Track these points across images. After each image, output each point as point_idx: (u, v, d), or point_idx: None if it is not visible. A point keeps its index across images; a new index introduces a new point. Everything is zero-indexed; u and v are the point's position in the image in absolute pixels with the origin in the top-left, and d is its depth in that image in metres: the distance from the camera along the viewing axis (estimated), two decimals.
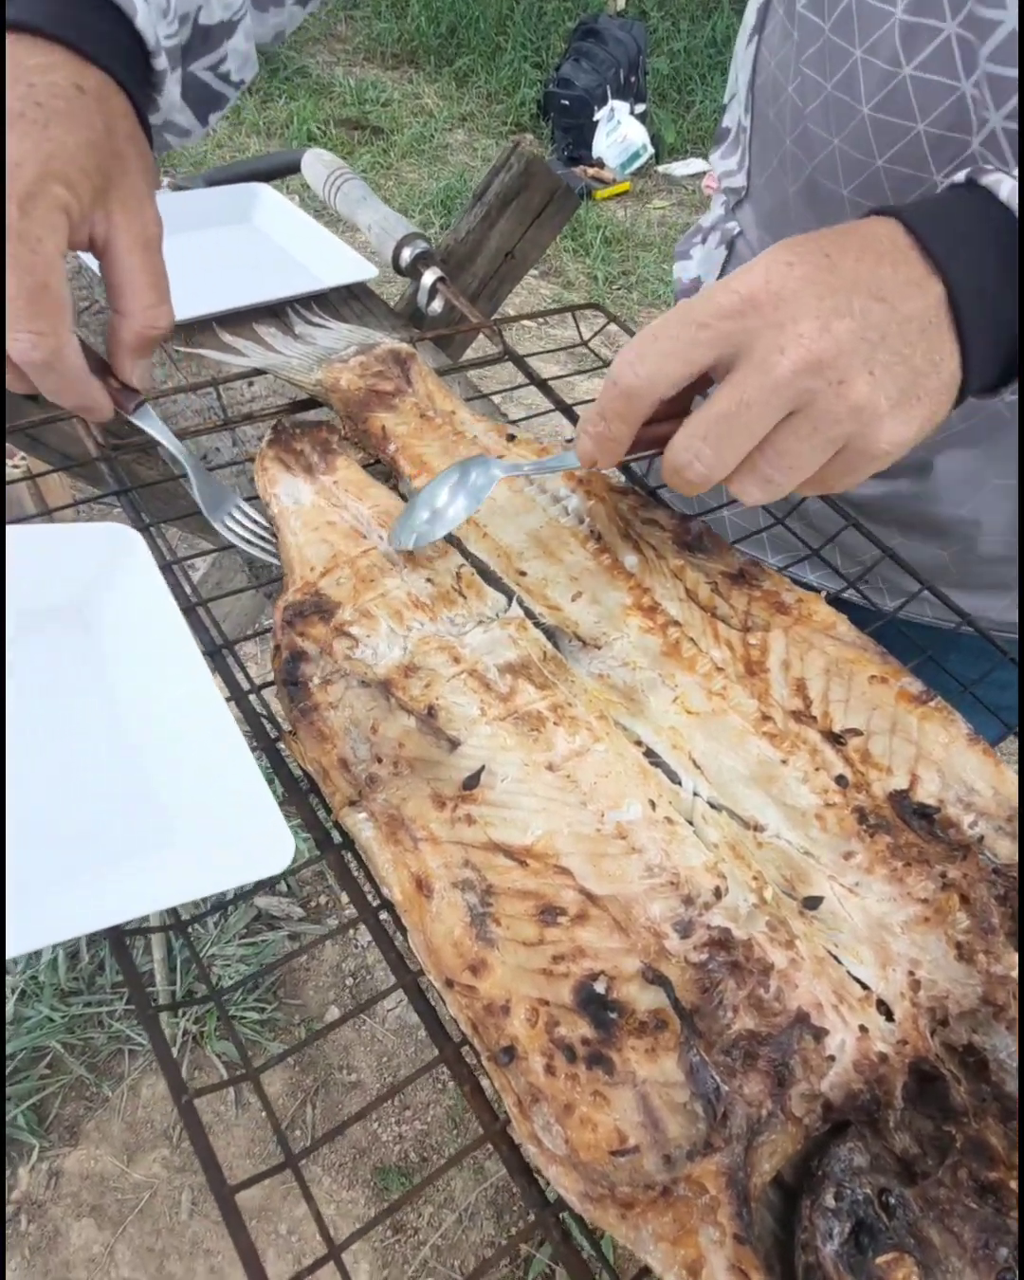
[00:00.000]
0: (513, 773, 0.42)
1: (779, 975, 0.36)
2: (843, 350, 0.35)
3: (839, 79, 0.52)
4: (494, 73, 4.10)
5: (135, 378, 0.49)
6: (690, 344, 0.37)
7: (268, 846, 0.37)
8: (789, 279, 0.36)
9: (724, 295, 0.37)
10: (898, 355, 0.36)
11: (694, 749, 0.44)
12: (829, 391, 0.36)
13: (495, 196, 0.87)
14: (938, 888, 0.40)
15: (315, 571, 0.49)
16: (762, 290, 0.36)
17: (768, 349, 0.36)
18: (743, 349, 0.36)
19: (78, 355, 0.44)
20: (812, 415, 0.36)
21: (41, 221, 0.40)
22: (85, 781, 0.40)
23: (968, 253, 0.37)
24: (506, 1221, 1.27)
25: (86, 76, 0.43)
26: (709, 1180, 0.31)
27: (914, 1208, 0.33)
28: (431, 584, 0.49)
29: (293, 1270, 1.21)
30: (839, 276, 0.36)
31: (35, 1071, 1.28)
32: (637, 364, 0.39)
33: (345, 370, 0.59)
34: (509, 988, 0.35)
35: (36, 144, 0.40)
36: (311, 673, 0.44)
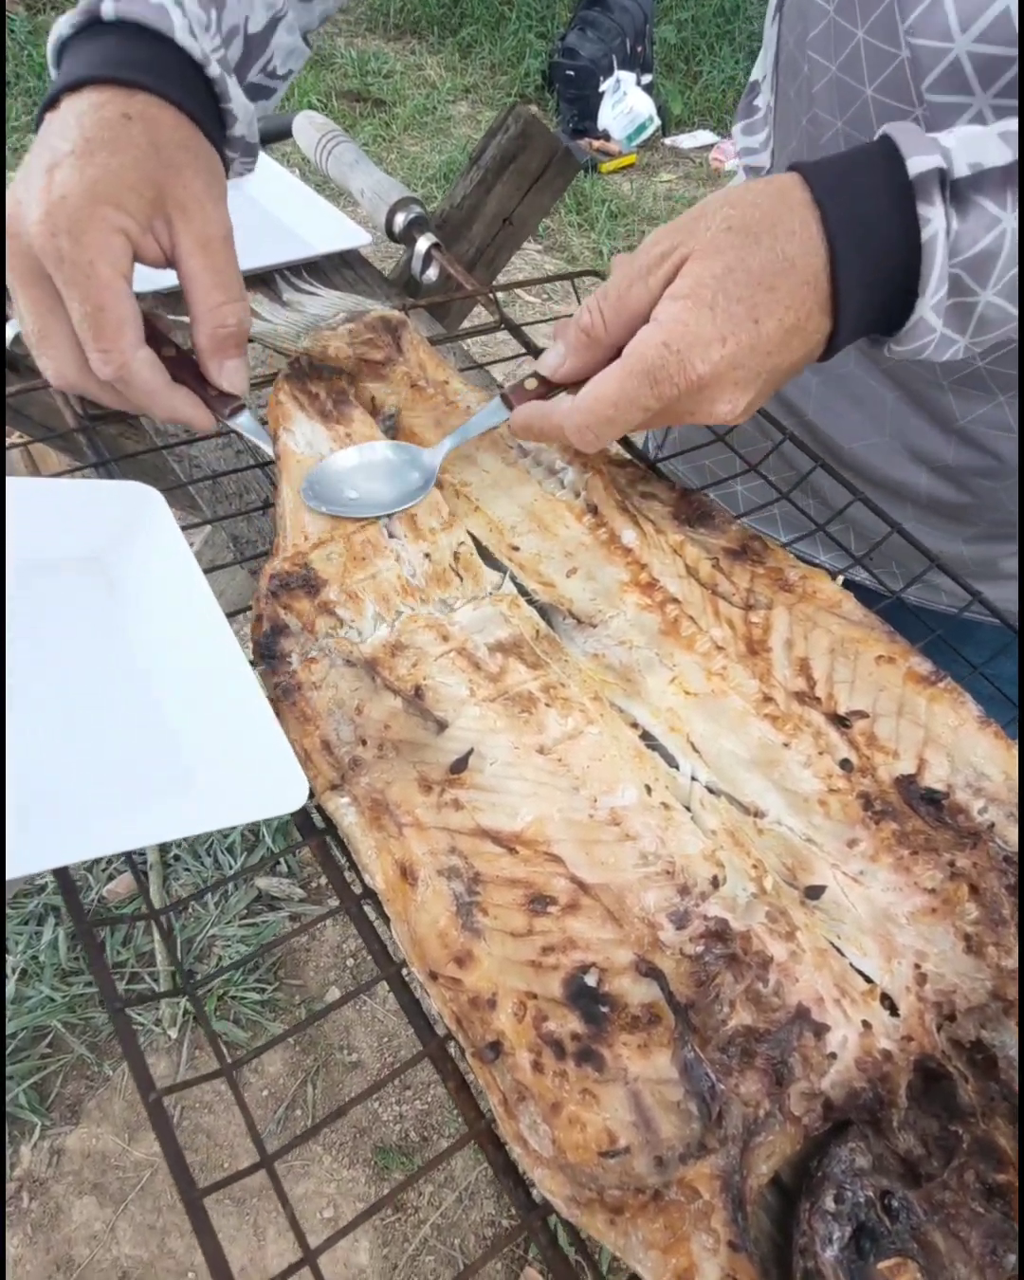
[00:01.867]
0: (502, 756, 0.40)
1: (779, 968, 0.35)
2: (721, 374, 0.40)
3: (843, 60, 0.51)
4: (498, 43, 4.02)
5: (224, 381, 0.48)
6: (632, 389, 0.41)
7: (282, 786, 0.37)
8: (703, 316, 0.40)
9: (653, 340, 0.40)
10: (765, 361, 0.41)
11: (693, 731, 0.42)
12: (694, 401, 0.42)
13: (492, 160, 0.84)
14: (946, 877, 0.38)
15: (308, 541, 0.47)
16: (678, 331, 0.40)
17: (669, 377, 0.40)
18: (656, 370, 0.40)
19: (149, 369, 0.44)
20: (664, 416, 0.43)
21: (91, 246, 0.41)
22: (104, 722, 0.41)
23: (862, 221, 0.40)
24: (506, 1201, 1.27)
25: (133, 104, 0.43)
26: (703, 1184, 0.30)
27: (918, 1211, 0.31)
28: (429, 559, 0.47)
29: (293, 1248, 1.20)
30: (744, 301, 0.40)
31: (36, 1051, 1.28)
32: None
33: (333, 338, 0.57)
34: (496, 980, 0.34)
35: (80, 173, 0.41)
36: (290, 648, 0.43)
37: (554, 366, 0.46)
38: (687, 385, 0.40)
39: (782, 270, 0.39)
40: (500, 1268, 1.22)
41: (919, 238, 0.39)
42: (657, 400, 0.41)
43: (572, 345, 0.45)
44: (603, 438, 0.43)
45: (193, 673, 0.42)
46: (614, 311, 0.42)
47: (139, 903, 1.41)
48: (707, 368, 0.40)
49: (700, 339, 0.39)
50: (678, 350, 0.39)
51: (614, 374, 0.41)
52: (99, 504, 0.46)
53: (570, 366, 0.46)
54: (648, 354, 0.40)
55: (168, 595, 0.44)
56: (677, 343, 0.39)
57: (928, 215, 0.38)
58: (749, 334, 0.40)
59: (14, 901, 1.39)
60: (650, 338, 0.40)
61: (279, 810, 0.37)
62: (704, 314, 0.39)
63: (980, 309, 0.41)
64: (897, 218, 0.39)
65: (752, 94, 0.66)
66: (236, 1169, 1.23)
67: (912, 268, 0.40)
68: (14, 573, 0.44)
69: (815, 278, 0.40)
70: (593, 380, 0.42)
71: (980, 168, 0.39)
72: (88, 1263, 1.16)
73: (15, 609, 0.43)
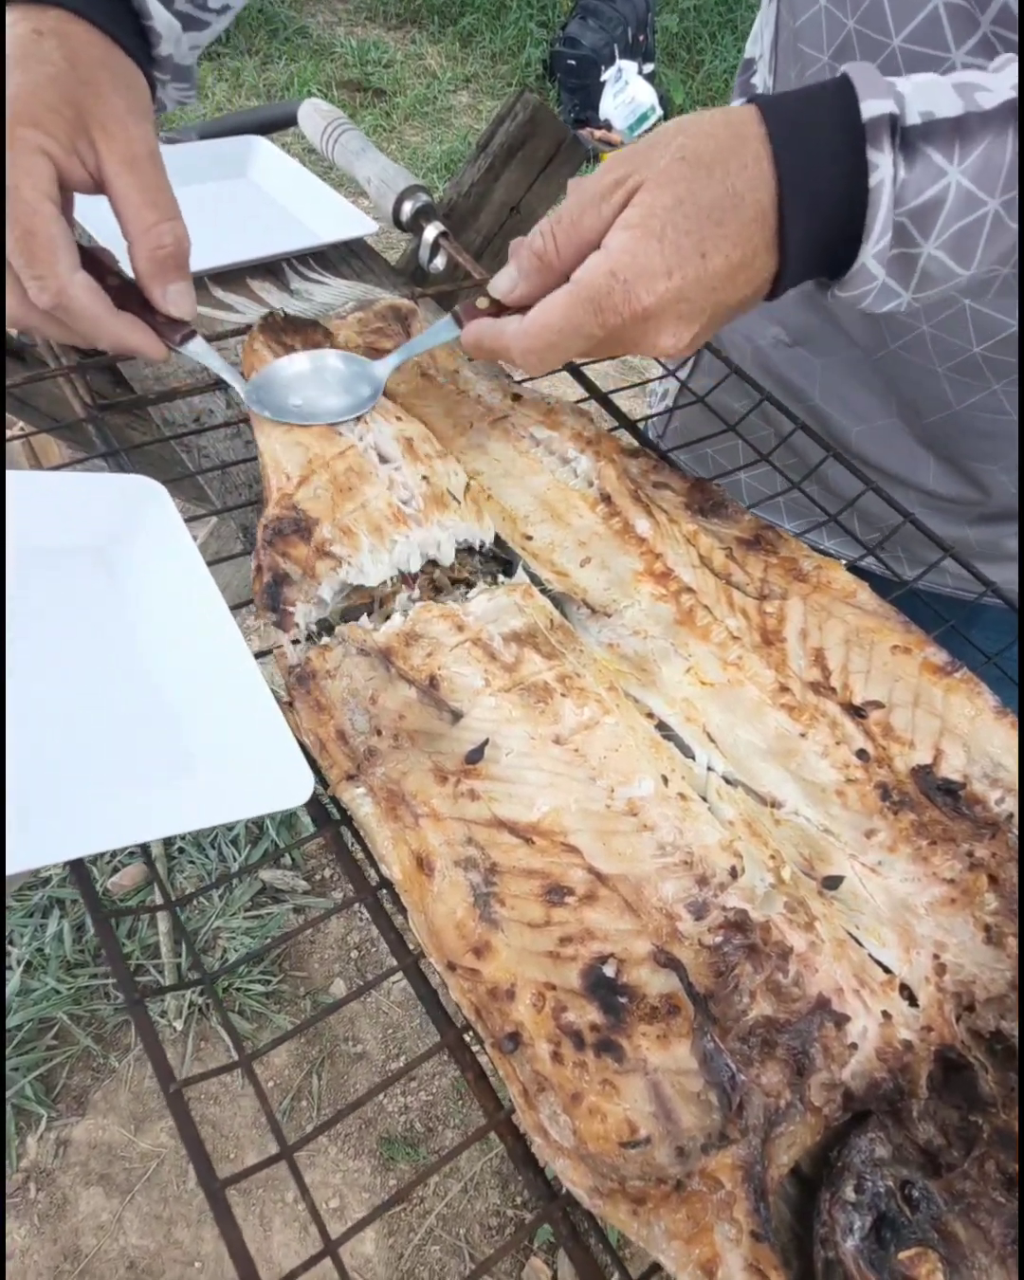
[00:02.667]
0: (518, 746, 0.40)
1: (798, 959, 0.34)
2: (666, 307, 0.40)
3: (835, 50, 0.51)
4: (499, 32, 3.99)
5: (171, 306, 0.46)
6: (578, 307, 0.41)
7: (287, 781, 0.37)
8: (651, 248, 0.39)
9: (602, 266, 0.40)
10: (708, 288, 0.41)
11: (709, 721, 0.42)
12: (639, 331, 0.42)
13: (500, 147, 0.84)
14: (965, 867, 0.38)
15: (292, 480, 0.46)
16: (625, 261, 0.40)
17: (614, 306, 0.40)
18: (602, 299, 0.40)
19: (88, 294, 0.42)
20: (609, 344, 0.43)
21: (14, 168, 0.39)
22: (107, 713, 0.40)
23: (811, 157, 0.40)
24: (511, 1191, 1.27)
25: (44, 19, 0.42)
26: (725, 1174, 0.30)
27: (938, 1201, 0.31)
28: (427, 482, 0.47)
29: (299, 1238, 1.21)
30: (693, 229, 0.39)
31: (42, 1042, 1.29)
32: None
33: (343, 326, 0.57)
34: (514, 971, 0.34)
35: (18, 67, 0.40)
36: (294, 596, 0.43)
37: (506, 289, 0.46)
38: (630, 315, 0.40)
39: (731, 205, 0.39)
40: (505, 1258, 1.22)
41: (866, 182, 0.39)
42: (600, 328, 0.41)
43: (524, 269, 0.44)
44: (547, 362, 0.44)
45: (197, 666, 0.42)
46: (566, 237, 0.42)
47: (144, 894, 1.41)
48: (651, 299, 0.40)
49: (647, 270, 0.39)
50: (625, 280, 0.39)
51: (560, 300, 0.41)
52: (102, 497, 0.46)
53: (522, 290, 0.45)
54: (595, 282, 0.40)
55: (171, 589, 0.44)
56: (623, 272, 0.39)
57: (876, 161, 0.38)
58: (695, 268, 0.40)
59: (19, 894, 1.39)
60: (598, 266, 0.40)
61: (285, 805, 0.37)
62: (652, 245, 0.39)
63: (923, 261, 0.41)
64: (846, 160, 0.39)
65: (746, 72, 0.65)
66: (244, 1161, 1.24)
67: (858, 212, 0.40)
68: (18, 565, 0.43)
69: (763, 215, 0.40)
70: (540, 304, 0.42)
71: (932, 117, 0.38)
72: (95, 1253, 1.16)
73: (19, 602, 0.42)
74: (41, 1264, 1.15)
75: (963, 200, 0.39)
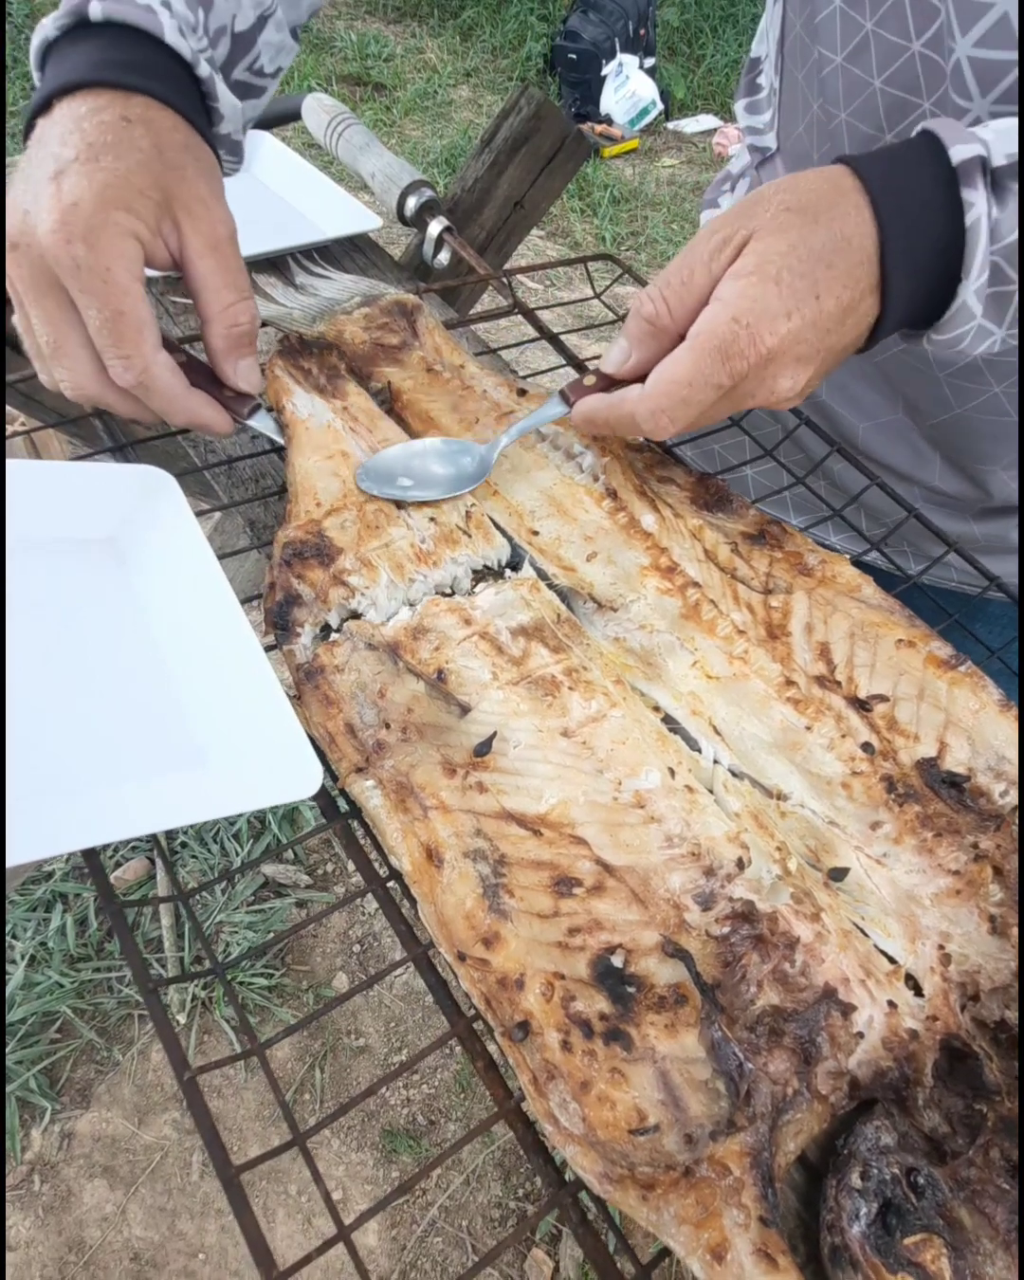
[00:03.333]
0: (526, 739, 0.40)
1: (805, 949, 0.35)
2: (787, 349, 0.41)
3: (851, 51, 0.51)
4: (499, 26, 3.98)
5: (240, 380, 0.48)
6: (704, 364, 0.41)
7: (296, 773, 0.37)
8: (770, 291, 0.40)
9: (724, 316, 0.40)
10: (823, 338, 0.41)
11: (715, 715, 0.42)
12: (759, 379, 0.42)
13: (504, 142, 0.84)
14: (970, 859, 0.38)
15: (321, 509, 0.47)
16: (746, 306, 0.40)
17: (741, 351, 0.41)
18: (728, 345, 0.40)
19: (170, 373, 0.44)
20: (733, 396, 0.43)
21: (107, 251, 0.41)
22: (118, 705, 0.41)
23: (909, 212, 0.41)
24: (513, 1183, 1.28)
25: (132, 107, 0.43)
26: (733, 1161, 0.30)
27: (944, 1188, 0.31)
28: (435, 523, 0.47)
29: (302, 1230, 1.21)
30: (806, 288, 0.40)
31: (46, 1036, 1.29)
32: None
33: (349, 322, 0.57)
34: (523, 961, 0.34)
35: (89, 179, 0.41)
36: (303, 617, 0.43)
37: (619, 362, 0.46)
38: (757, 359, 0.40)
39: (839, 249, 0.40)
40: (508, 1249, 1.23)
41: (963, 222, 0.40)
42: (730, 376, 0.41)
43: (634, 337, 0.45)
44: (677, 421, 0.43)
45: (207, 658, 0.42)
46: (678, 298, 0.42)
47: (148, 889, 1.41)
48: (775, 340, 0.40)
49: (768, 312, 0.40)
50: (748, 324, 0.40)
51: (685, 354, 0.41)
52: (112, 487, 0.46)
53: (636, 359, 0.45)
54: (719, 330, 0.40)
55: (181, 579, 0.44)
56: (746, 317, 0.40)
57: (971, 199, 0.40)
58: (811, 309, 0.40)
59: (22, 889, 1.39)
60: (719, 315, 0.40)
61: (294, 796, 0.37)
62: (770, 288, 0.40)
63: (1016, 298, 0.42)
64: (942, 202, 0.40)
65: (752, 71, 0.65)
66: (248, 1153, 1.25)
67: (954, 253, 0.41)
68: (28, 554, 0.44)
69: (869, 258, 0.41)
70: (662, 363, 0.42)
71: (1014, 158, 0.39)
72: (99, 1244, 1.17)
73: (29, 590, 0.42)
74: (46, 1255, 1.15)
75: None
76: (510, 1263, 1.22)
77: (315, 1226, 1.20)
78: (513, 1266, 1.21)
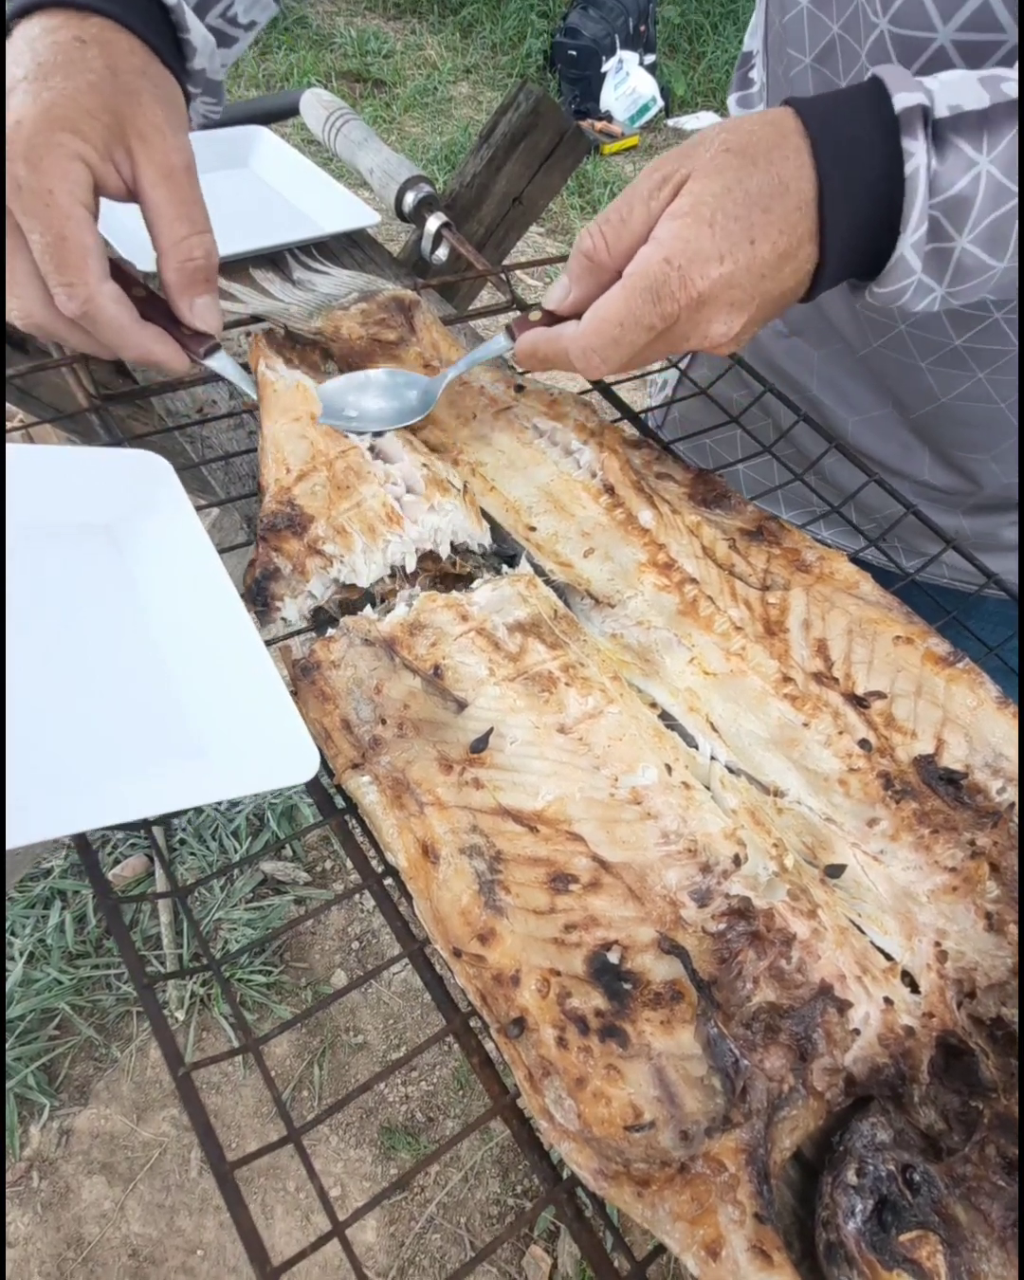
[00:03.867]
0: (522, 735, 0.40)
1: (801, 946, 0.35)
2: (719, 293, 0.40)
3: (819, 53, 0.51)
4: (499, 22, 3.97)
5: (197, 319, 0.46)
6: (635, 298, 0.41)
7: (293, 757, 0.37)
8: (703, 233, 0.39)
9: (655, 255, 0.40)
10: (758, 278, 0.41)
11: (712, 711, 0.42)
12: (692, 321, 0.41)
13: (503, 137, 0.83)
14: (967, 856, 0.38)
15: (291, 475, 0.47)
16: (678, 247, 0.40)
17: (671, 293, 0.40)
18: (660, 286, 0.40)
19: (115, 304, 0.42)
20: (666, 338, 0.43)
21: (49, 172, 0.39)
22: (115, 689, 0.40)
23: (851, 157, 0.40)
24: (512, 1180, 1.28)
25: (87, 27, 0.42)
26: (728, 1157, 0.30)
27: (939, 1185, 0.31)
28: (427, 469, 0.47)
29: (300, 1226, 1.21)
30: (742, 216, 0.40)
31: (44, 1033, 1.29)
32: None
33: (346, 318, 0.57)
34: (519, 957, 0.34)
35: (35, 98, 0.39)
36: (281, 591, 0.43)
37: (559, 298, 0.46)
38: (687, 301, 0.40)
39: (776, 193, 0.40)
40: (506, 1246, 1.23)
41: (902, 171, 0.39)
42: (660, 318, 0.41)
43: (575, 274, 0.44)
44: (609, 360, 0.43)
45: (203, 642, 0.42)
46: (616, 234, 0.42)
47: (146, 886, 1.41)
48: (706, 284, 0.40)
49: (700, 254, 0.39)
50: (679, 265, 0.39)
51: (617, 293, 0.41)
52: (109, 472, 0.46)
53: (575, 295, 0.45)
54: (651, 270, 0.40)
55: (177, 564, 0.44)
56: (678, 258, 0.39)
57: (911, 149, 0.39)
58: (745, 253, 0.40)
59: (21, 886, 1.39)
60: (652, 255, 0.40)
61: (291, 780, 0.37)
62: (704, 230, 0.39)
63: (957, 255, 0.41)
64: (882, 150, 0.39)
65: (745, 65, 0.65)
66: (245, 1149, 1.25)
67: (894, 204, 0.40)
68: (25, 540, 0.43)
69: (806, 204, 0.40)
70: (597, 302, 0.42)
71: (959, 109, 0.39)
72: (97, 1241, 1.17)
73: (25, 576, 0.42)
74: (45, 1252, 1.15)
75: (993, 191, 0.39)
76: (508, 1260, 1.22)
77: (314, 1223, 1.20)
78: (511, 1264, 1.22)
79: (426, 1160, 0.31)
